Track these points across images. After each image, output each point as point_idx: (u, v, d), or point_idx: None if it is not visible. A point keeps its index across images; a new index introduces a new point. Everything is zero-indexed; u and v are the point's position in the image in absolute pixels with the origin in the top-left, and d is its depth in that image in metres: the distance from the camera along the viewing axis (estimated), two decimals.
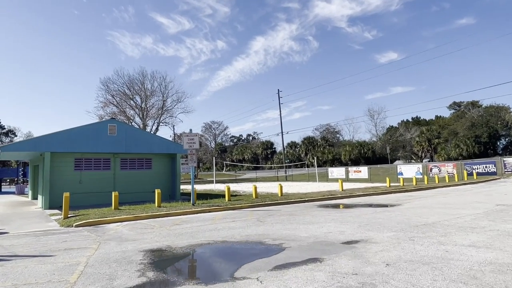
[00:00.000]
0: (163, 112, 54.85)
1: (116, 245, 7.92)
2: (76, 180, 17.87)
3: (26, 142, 16.55)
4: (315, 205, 15.25)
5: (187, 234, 9.10)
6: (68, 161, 17.73)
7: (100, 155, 18.55)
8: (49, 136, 16.63)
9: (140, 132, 19.99)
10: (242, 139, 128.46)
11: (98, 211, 13.48)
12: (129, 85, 52.64)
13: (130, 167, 19.64)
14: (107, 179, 18.77)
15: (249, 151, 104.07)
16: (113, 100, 52.25)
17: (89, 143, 17.56)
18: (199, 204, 15.00)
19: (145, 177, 20.01)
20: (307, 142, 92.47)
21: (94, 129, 17.82)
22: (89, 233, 9.74)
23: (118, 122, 19.23)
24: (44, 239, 8.95)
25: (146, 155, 20.06)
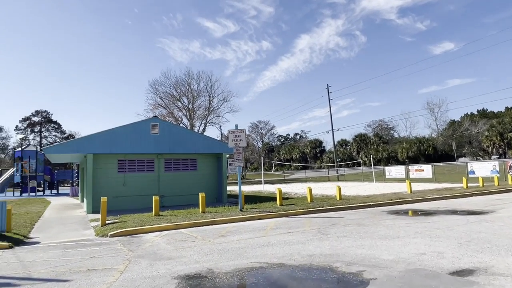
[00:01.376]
0: (210, 113, 54.46)
1: (147, 266, 6.36)
2: (120, 182, 17.08)
3: (68, 144, 16.08)
4: (384, 212, 12.82)
5: (233, 251, 7.35)
6: (111, 162, 17.00)
7: (143, 156, 17.64)
8: (91, 137, 15.97)
9: (184, 130, 18.84)
10: (289, 138, 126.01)
11: (138, 217, 12.29)
12: (176, 87, 52.93)
13: (174, 168, 18.54)
14: (151, 181, 17.81)
15: (297, 150, 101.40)
16: (162, 102, 52.86)
17: (132, 144, 16.67)
18: (248, 210, 13.28)
19: (190, 179, 18.80)
20: (358, 139, 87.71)
21: (136, 128, 16.92)
22: (122, 245, 8.39)
23: (160, 121, 18.22)
24: (71, 253, 7.71)
25: (191, 155, 18.85)
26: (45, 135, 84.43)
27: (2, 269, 6.42)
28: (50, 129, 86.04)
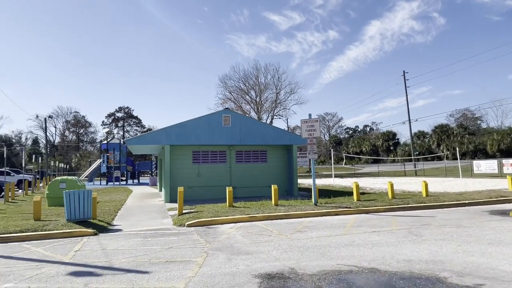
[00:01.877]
0: (277, 105, 54.12)
1: (225, 260, 6.02)
2: (194, 173, 17.47)
3: (147, 136, 16.90)
4: (485, 212, 11.03)
5: (314, 249, 6.69)
6: (186, 154, 17.44)
7: (216, 147, 17.80)
8: (167, 129, 16.51)
9: (254, 122, 18.59)
10: (358, 131, 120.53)
11: (212, 207, 12.28)
12: (244, 80, 53.52)
13: (245, 160, 18.42)
14: (223, 173, 17.93)
15: (367, 143, 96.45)
16: (231, 96, 53.95)
17: (205, 135, 16.88)
18: (322, 204, 12.49)
19: (260, 171, 18.53)
20: (439, 130, 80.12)
21: (209, 120, 17.08)
22: (199, 236, 8.26)
23: (232, 112, 18.19)
24: (151, 242, 7.76)
25: (261, 147, 18.55)
26: (127, 129, 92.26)
27: (87, 257, 6.61)
28: (132, 123, 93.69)
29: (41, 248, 7.40)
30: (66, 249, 7.30)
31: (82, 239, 8.32)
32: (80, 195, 9.95)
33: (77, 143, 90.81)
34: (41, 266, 5.95)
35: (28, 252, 7.11)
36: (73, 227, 9.23)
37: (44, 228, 9.01)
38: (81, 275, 5.42)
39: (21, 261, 6.33)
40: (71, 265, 5.98)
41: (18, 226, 9.26)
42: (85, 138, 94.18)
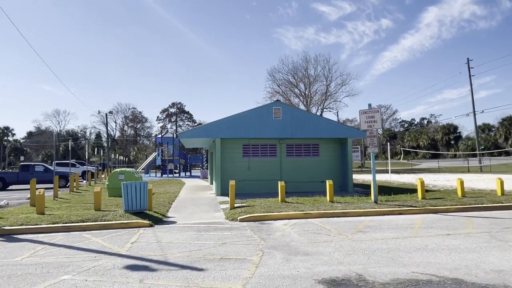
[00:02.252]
0: (327, 98, 52.44)
1: (283, 261, 5.58)
2: (245, 167, 17.28)
3: (199, 129, 16.97)
4: None
5: (382, 253, 6.00)
6: (236, 147, 17.30)
7: (266, 140, 17.43)
8: (218, 122, 16.44)
9: (306, 114, 17.89)
10: (414, 124, 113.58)
11: (264, 202, 11.92)
12: (293, 73, 52.52)
13: (296, 154, 17.85)
14: (273, 167, 17.53)
15: (424, 136, 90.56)
16: (279, 89, 53.31)
17: (255, 128, 16.57)
18: (383, 202, 11.56)
19: (312, 165, 17.84)
20: (507, 123, 72.82)
21: (259, 113, 16.72)
22: (252, 232, 7.92)
23: (283, 105, 17.66)
24: (204, 236, 7.56)
25: (313, 141, 17.83)
26: (179, 124, 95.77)
27: (142, 249, 6.55)
28: (184, 118, 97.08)
29: (100, 239, 7.53)
30: (123, 240, 7.35)
31: (139, 230, 8.38)
32: (136, 186, 10.11)
33: (134, 137, 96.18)
34: (99, 258, 5.96)
35: (87, 242, 7.26)
36: (130, 218, 9.38)
37: (103, 218, 9.25)
38: (136, 269, 5.30)
39: (80, 252, 6.43)
40: (127, 258, 5.93)
41: (80, 215, 9.63)
42: (141, 133, 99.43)
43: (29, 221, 8.89)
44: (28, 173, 23.74)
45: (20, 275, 5.07)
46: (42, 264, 5.61)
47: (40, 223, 8.80)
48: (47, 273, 5.13)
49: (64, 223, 8.80)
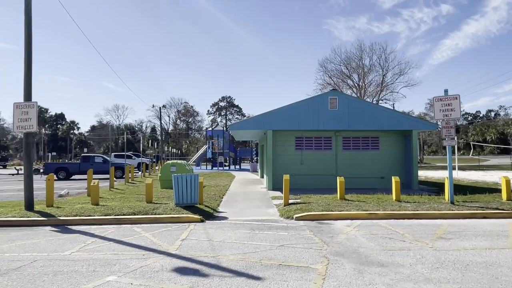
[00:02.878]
0: (383, 89, 49.38)
1: (355, 273, 4.67)
2: (297, 160, 16.38)
3: (250, 120, 16.33)
4: None
5: (478, 268, 4.83)
6: (289, 139, 16.44)
7: (320, 133, 16.35)
8: (270, 113, 15.68)
9: (365, 104, 16.43)
10: (479, 116, 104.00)
11: (321, 199, 10.97)
12: (346, 63, 50.12)
13: (353, 147, 16.54)
14: (328, 161, 16.42)
15: (492, 130, 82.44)
16: (331, 80, 51.24)
17: (309, 120, 15.56)
18: (460, 203, 10.04)
19: (371, 160, 16.42)
20: None
21: (314, 103, 15.67)
22: (311, 233, 7.06)
23: (339, 94, 16.40)
24: (259, 236, 6.86)
25: (372, 133, 16.39)
26: (229, 117, 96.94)
27: (193, 249, 6.00)
28: (233, 112, 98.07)
29: (149, 234, 7.17)
30: (173, 236, 6.90)
31: (189, 226, 7.93)
32: (187, 179, 9.71)
33: (186, 131, 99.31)
34: (147, 256, 5.51)
35: (137, 237, 6.91)
36: (181, 212, 9.00)
37: (154, 211, 8.97)
38: (186, 273, 4.72)
39: (129, 248, 6.05)
40: (177, 258, 5.40)
41: (131, 207, 9.45)
42: (193, 126, 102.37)
43: (83, 212, 8.86)
44: (88, 164, 24.95)
45: (66, 273, 4.73)
46: (89, 261, 5.27)
47: (93, 214, 8.72)
48: (93, 272, 4.74)
49: (116, 215, 8.63)
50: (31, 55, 9.50)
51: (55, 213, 8.84)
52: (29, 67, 9.48)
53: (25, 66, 9.47)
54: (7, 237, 6.97)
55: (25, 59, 9.47)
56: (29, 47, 9.49)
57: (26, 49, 9.45)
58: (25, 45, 9.45)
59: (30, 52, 9.50)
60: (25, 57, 9.46)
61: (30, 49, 9.50)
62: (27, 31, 9.45)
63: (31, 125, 9.39)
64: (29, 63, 9.49)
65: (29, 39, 9.46)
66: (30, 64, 9.51)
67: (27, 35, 9.45)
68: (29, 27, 9.47)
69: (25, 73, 9.47)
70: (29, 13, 9.49)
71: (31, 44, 9.50)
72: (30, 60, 9.50)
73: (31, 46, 9.51)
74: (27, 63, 9.46)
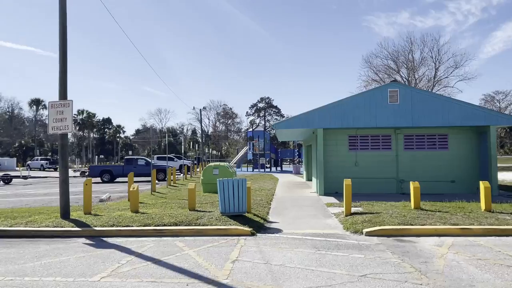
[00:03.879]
0: (435, 83, 45.64)
1: None
2: (351, 162, 14.66)
3: (297, 118, 14.80)
4: None
5: None
6: (341, 139, 14.78)
7: (377, 130, 14.52)
8: (320, 110, 14.13)
9: (432, 96, 14.23)
10: None
11: (389, 207, 9.29)
12: (394, 57, 46.95)
13: (417, 147, 14.53)
14: (387, 162, 14.54)
15: None
16: (376, 76, 48.34)
17: (365, 116, 13.83)
18: None
19: (438, 161, 14.31)
20: None
21: (370, 97, 13.90)
22: (395, 256, 5.51)
23: (401, 86, 14.46)
24: (328, 259, 5.43)
25: (439, 130, 14.28)
26: (268, 118, 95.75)
27: (248, 276, 4.71)
28: (272, 113, 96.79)
29: (193, 251, 6.00)
30: (222, 256, 5.67)
31: (239, 240, 6.69)
32: (234, 184, 8.51)
33: (226, 133, 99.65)
34: (191, 287, 4.30)
35: (179, 255, 5.76)
36: (228, 222, 7.80)
37: (198, 221, 7.85)
38: None
39: (170, 273, 4.89)
40: None
41: (173, 216, 8.41)
42: (232, 128, 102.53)
43: (120, 222, 7.94)
44: (131, 166, 24.80)
45: None
46: None
47: (132, 224, 7.77)
48: None
49: (156, 226, 7.61)
50: (66, 49, 8.80)
51: (91, 222, 8.01)
52: (64, 63, 8.78)
53: (60, 62, 8.78)
54: (35, 252, 6.13)
55: (60, 54, 8.78)
56: (64, 41, 8.80)
57: (60, 44, 8.77)
58: (59, 39, 8.77)
59: (65, 46, 8.80)
60: (60, 52, 8.78)
61: (65, 43, 8.81)
62: (61, 22, 8.76)
63: (66, 125, 8.68)
64: (64, 58, 8.79)
65: (63, 30, 8.77)
66: (65, 60, 8.81)
67: (61, 26, 8.76)
68: (64, 17, 8.77)
69: (60, 70, 8.78)
70: (64, 5, 8.80)
71: (65, 36, 8.80)
72: (65, 55, 8.80)
73: (66, 39, 8.81)
74: (62, 58, 8.77)
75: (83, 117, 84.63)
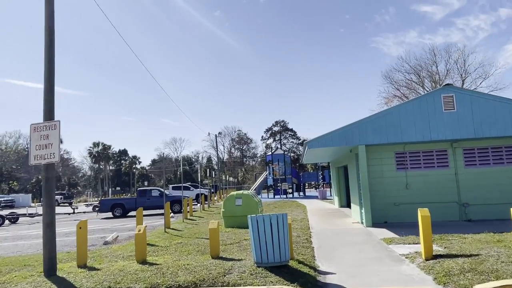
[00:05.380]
0: None
1: None
2: (401, 184, 12.23)
3: (333, 134, 12.37)
4: None
5: None
6: (387, 157, 12.43)
7: (430, 145, 12.14)
8: (361, 124, 11.91)
9: (498, 100, 11.74)
10: None
11: (480, 244, 6.83)
12: (417, 70, 44.72)
13: (481, 162, 12.03)
14: (444, 182, 12.03)
15: None
16: (398, 92, 46.06)
17: (415, 128, 11.54)
18: None
19: (508, 178, 11.76)
20: None
21: (420, 105, 11.65)
22: None
23: (456, 89, 12.10)
24: None
25: (507, 140, 11.82)
26: (283, 142, 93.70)
27: None
28: (288, 136, 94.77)
29: None
30: None
31: None
32: (271, 222, 6.26)
33: (241, 159, 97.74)
34: None
35: None
36: (268, 279, 5.52)
37: (226, 279, 5.60)
38: None
39: None
40: None
41: (191, 269, 6.18)
42: (247, 154, 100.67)
43: (119, 282, 5.75)
44: (145, 199, 22.90)
45: None
46: None
47: (134, 285, 5.57)
48: None
49: (168, 287, 5.40)
50: (53, 54, 7.01)
51: (81, 283, 5.85)
52: (50, 72, 6.96)
53: (46, 73, 6.97)
54: None
55: (46, 63, 6.99)
56: (52, 42, 7.02)
57: (46, 48, 6.99)
58: (45, 42, 7.00)
59: (52, 51, 7.01)
60: (46, 60, 6.98)
61: (52, 45, 7.02)
62: (47, 23, 7.02)
63: (52, 153, 6.73)
64: (51, 66, 6.98)
65: (50, 30, 7.01)
66: (52, 69, 6.99)
67: (47, 29, 7.02)
68: (50, 20, 7.04)
69: (46, 83, 6.96)
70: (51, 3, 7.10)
71: (53, 37, 7.03)
72: (52, 63, 7.00)
73: (53, 39, 7.04)
74: (48, 66, 6.96)
75: (99, 150, 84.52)
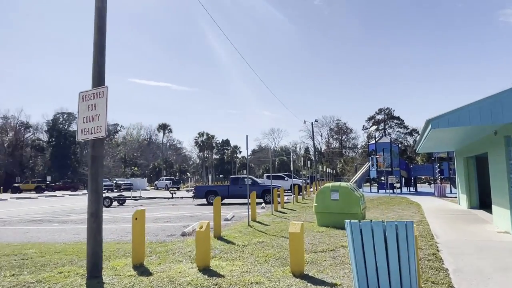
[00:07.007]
0: None
1: None
2: None
3: (473, 107, 8.49)
4: None
5: None
6: None
7: None
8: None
9: None
10: None
11: None
12: None
13: None
14: None
15: None
16: None
17: None
18: None
19: None
20: None
21: None
22: None
23: None
24: None
25: None
26: (388, 132, 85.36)
27: None
28: (393, 125, 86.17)
29: None
30: None
31: None
32: (385, 234, 3.84)
33: (340, 150, 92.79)
34: None
35: None
36: None
37: None
38: None
39: None
40: None
41: None
42: (347, 144, 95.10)
43: None
44: (237, 187, 22.14)
45: None
46: None
47: None
48: None
49: None
50: (104, 13, 5.76)
51: None
52: (101, 32, 5.71)
53: (95, 31, 5.75)
54: None
55: (95, 18, 5.77)
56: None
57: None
58: None
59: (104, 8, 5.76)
60: (95, 16, 5.77)
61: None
62: None
63: (99, 126, 5.49)
64: (101, 20, 5.73)
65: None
66: (104, 24, 5.74)
67: None
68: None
69: (95, 42, 5.74)
70: None
71: None
72: (103, 17, 5.75)
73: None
74: (98, 21, 5.72)
75: (203, 139, 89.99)
